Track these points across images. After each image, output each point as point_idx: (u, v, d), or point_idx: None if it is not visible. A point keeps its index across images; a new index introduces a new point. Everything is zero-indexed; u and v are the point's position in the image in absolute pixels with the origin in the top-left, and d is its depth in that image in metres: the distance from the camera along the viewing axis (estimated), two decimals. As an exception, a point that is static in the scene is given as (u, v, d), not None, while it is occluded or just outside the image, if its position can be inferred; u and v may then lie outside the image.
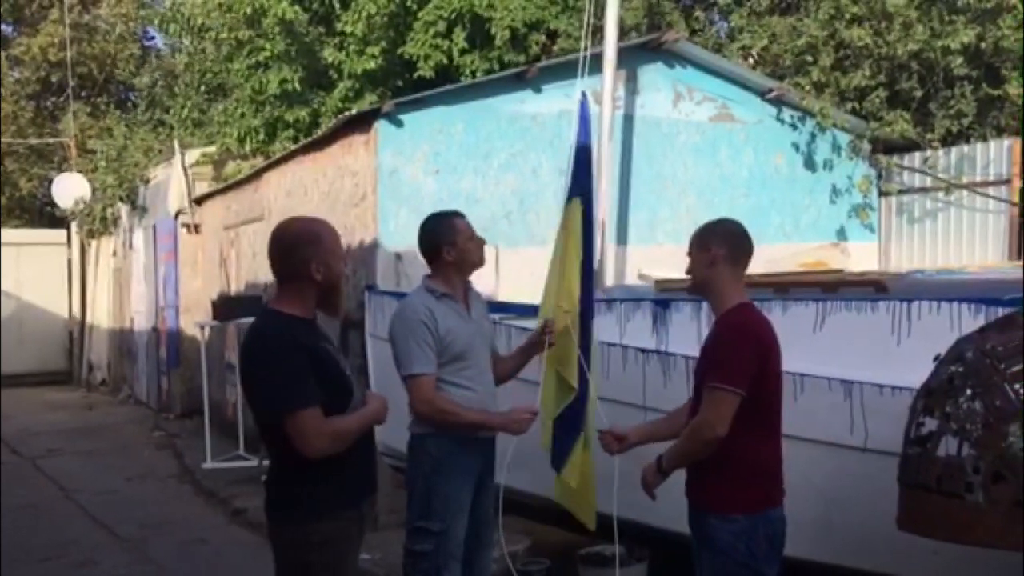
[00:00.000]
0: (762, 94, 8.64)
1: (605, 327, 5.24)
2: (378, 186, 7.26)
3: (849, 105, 8.58)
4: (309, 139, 8.91)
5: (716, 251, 3.15)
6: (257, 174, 10.43)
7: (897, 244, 8.98)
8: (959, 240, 8.28)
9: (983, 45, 7.61)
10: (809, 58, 8.38)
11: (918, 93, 8.23)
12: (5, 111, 21.68)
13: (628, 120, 8.17)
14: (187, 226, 13.50)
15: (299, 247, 2.77)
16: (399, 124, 7.32)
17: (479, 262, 3.94)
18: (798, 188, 8.91)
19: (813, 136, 8.84)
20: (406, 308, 3.78)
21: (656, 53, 8.31)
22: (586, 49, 6.63)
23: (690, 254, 3.24)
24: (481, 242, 3.94)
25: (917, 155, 8.65)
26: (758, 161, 8.72)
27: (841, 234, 9.07)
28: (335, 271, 2.86)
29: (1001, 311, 3.69)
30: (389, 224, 7.27)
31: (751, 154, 8.68)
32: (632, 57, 8.13)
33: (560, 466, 4.14)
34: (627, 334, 5.21)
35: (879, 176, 9.01)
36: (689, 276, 3.28)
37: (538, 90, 7.82)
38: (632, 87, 8.21)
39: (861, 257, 8.98)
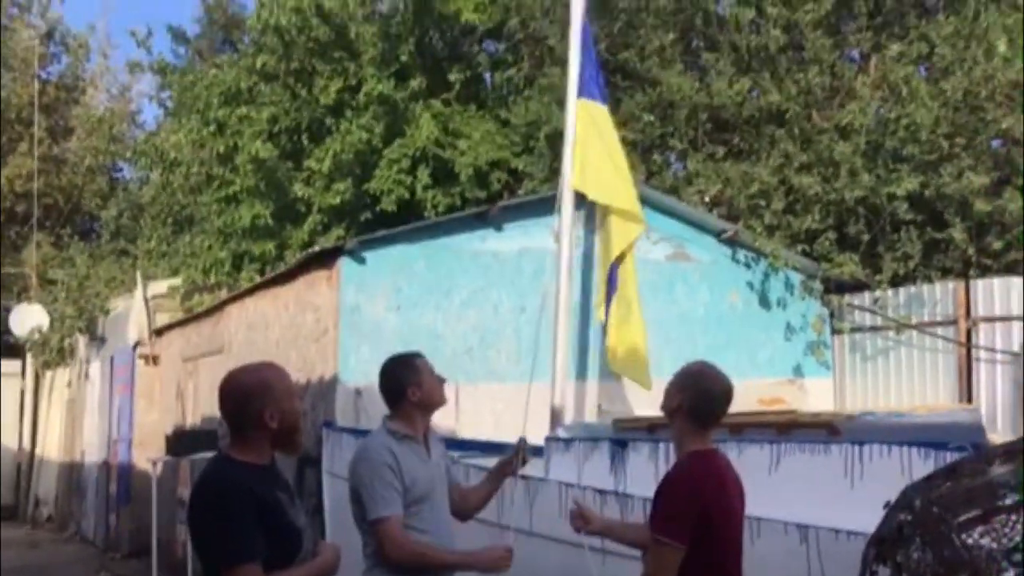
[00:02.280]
0: (717, 235, 8.91)
1: (563, 466, 5.23)
2: (339, 322, 7.30)
3: (800, 247, 8.86)
4: (272, 274, 8.99)
5: (679, 401, 3.19)
6: (219, 307, 10.44)
7: (852, 381, 9.12)
8: (911, 378, 8.44)
9: (926, 192, 7.96)
10: (762, 202, 8.70)
11: (866, 236, 8.53)
12: (-35, 241, 21.61)
13: (587, 259, 8.36)
14: (145, 357, 13.38)
15: (251, 399, 2.77)
16: (362, 261, 7.43)
17: (442, 401, 3.95)
18: (754, 326, 9.08)
19: (767, 275, 9.08)
20: (369, 450, 3.74)
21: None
22: (550, 188, 6.90)
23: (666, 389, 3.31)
24: (442, 381, 3.96)
25: (867, 295, 8.89)
26: (714, 299, 8.91)
27: (798, 371, 9.20)
28: (290, 414, 2.85)
29: (949, 456, 3.76)
30: (350, 360, 7.28)
31: (707, 292, 8.88)
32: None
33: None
34: (585, 474, 5.19)
35: (832, 315, 9.22)
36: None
37: (499, 229, 8.01)
38: (591, 226, 8.43)
39: (818, 394, 9.10)
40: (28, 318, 18.34)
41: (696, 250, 8.88)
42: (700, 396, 3.24)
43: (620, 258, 7.48)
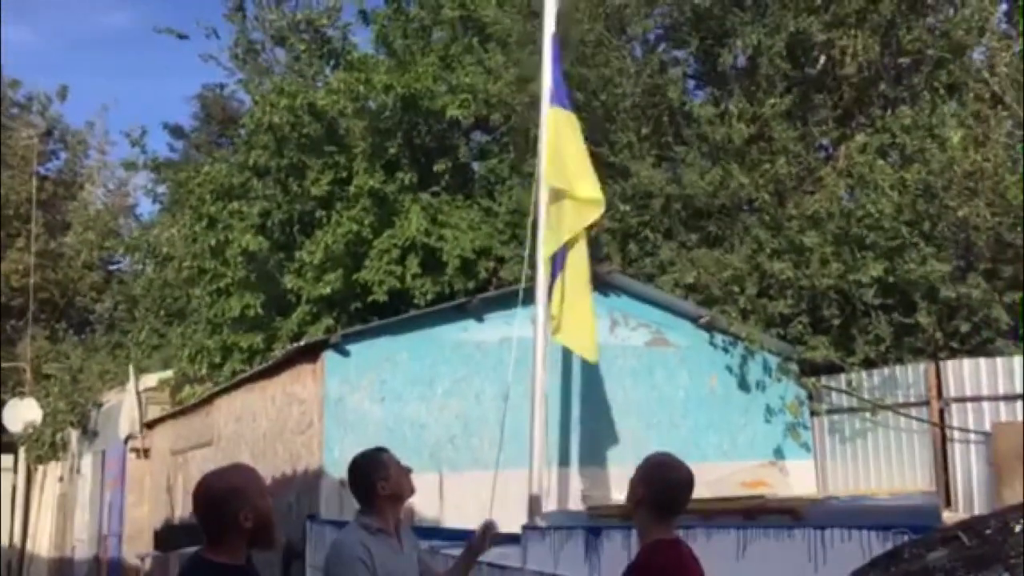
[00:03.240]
0: (694, 320, 9.14)
1: (539, 555, 5.34)
2: (324, 414, 7.46)
3: (775, 330, 9.08)
4: (259, 367, 9.17)
5: (641, 492, 3.30)
6: (208, 399, 10.58)
7: (832, 462, 9.24)
8: (889, 459, 8.57)
9: (891, 278, 8.22)
10: (735, 288, 8.95)
11: (838, 320, 8.76)
12: (-41, 336, 21.79)
13: (567, 347, 8.54)
14: (136, 451, 13.44)
15: (225, 503, 2.90)
16: (346, 354, 7.63)
17: (410, 491, 4.10)
18: (733, 408, 9.25)
19: (744, 359, 9.28)
20: (343, 547, 3.86)
21: (593, 284, 8.82)
22: (530, 280, 7.12)
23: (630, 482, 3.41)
24: (409, 471, 4.11)
25: (843, 376, 9.08)
26: (693, 383, 9.09)
27: (778, 452, 9.33)
28: (264, 512, 2.99)
29: (906, 538, 3.90)
30: (334, 451, 7.41)
31: (686, 376, 9.07)
32: (570, 288, 8.62)
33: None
34: (560, 563, 5.30)
35: (810, 397, 9.39)
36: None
37: (480, 319, 8.23)
38: (570, 315, 8.65)
39: (799, 475, 9.20)
40: (22, 413, 18.39)
41: (674, 335, 9.09)
42: (663, 487, 3.31)
43: (571, 242, 7.36)
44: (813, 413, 9.46)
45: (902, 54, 10.11)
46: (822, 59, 10.33)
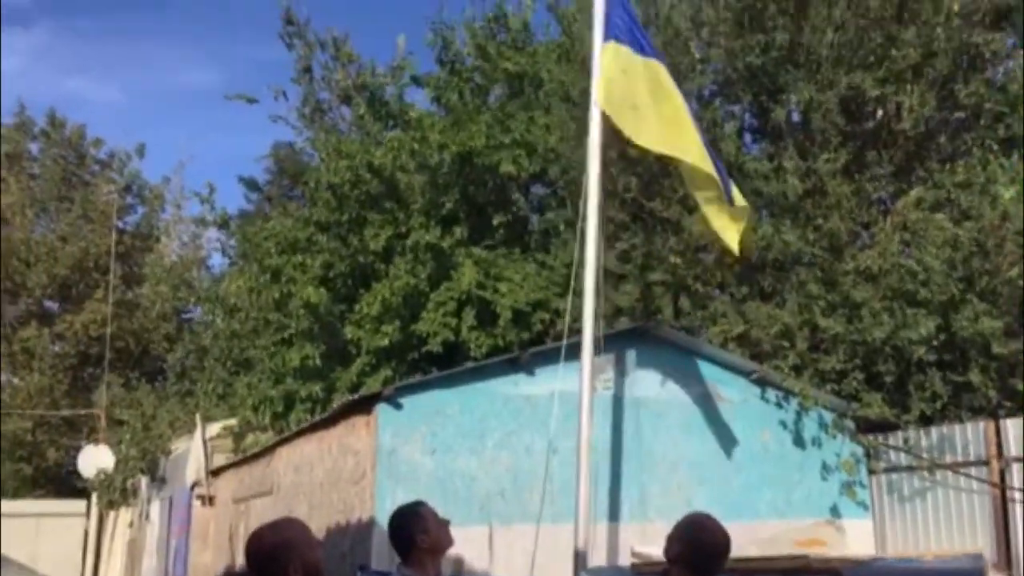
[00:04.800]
0: (746, 374, 9.11)
1: (581, 610, 5.39)
2: (376, 465, 7.62)
3: (828, 386, 8.99)
4: (317, 418, 9.40)
5: (677, 551, 3.36)
6: (269, 448, 10.84)
7: (891, 522, 9.05)
8: (948, 520, 8.37)
9: (942, 336, 8.12)
10: (785, 343, 8.92)
11: (891, 377, 8.65)
12: (41, 383, 22.66)
13: (617, 400, 8.61)
14: (202, 498, 13.77)
15: (276, 556, 3.05)
16: (398, 407, 7.80)
17: (449, 543, 4.22)
18: (788, 464, 9.15)
19: (799, 414, 9.20)
20: (385, 599, 4.01)
21: (643, 337, 8.90)
22: (578, 332, 7.21)
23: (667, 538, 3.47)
24: (447, 523, 4.24)
25: (900, 434, 8.93)
26: (746, 438, 9.03)
27: (835, 511, 9.17)
28: (313, 564, 3.12)
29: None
30: (386, 502, 7.54)
31: (739, 431, 9.01)
32: (621, 340, 8.73)
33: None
34: (602, 618, 5.34)
35: (867, 454, 9.25)
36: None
37: (531, 373, 8.34)
38: (621, 369, 8.73)
39: (857, 534, 9.02)
40: (95, 459, 19.00)
41: (726, 390, 9.07)
42: (698, 548, 3.37)
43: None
44: (871, 471, 9.30)
45: (959, 108, 10.07)
46: (878, 113, 10.33)
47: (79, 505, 20.47)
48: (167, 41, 50.62)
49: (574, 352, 8.35)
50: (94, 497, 19.89)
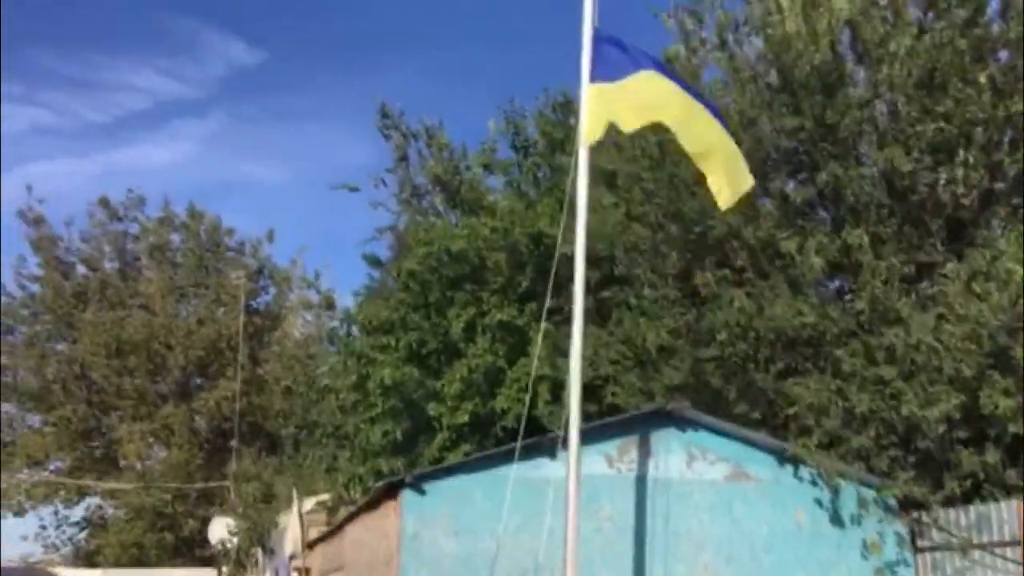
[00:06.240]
0: (777, 453, 9.15)
1: None
2: (401, 548, 8.16)
3: (857, 464, 8.93)
4: (363, 500, 10.04)
5: None
6: (340, 526, 11.57)
7: (937, 602, 8.83)
8: (988, 601, 8.14)
9: (958, 416, 8.00)
10: (810, 421, 8.94)
11: (915, 456, 8.54)
12: (179, 457, 24.50)
13: (641, 481, 8.84)
14: (299, 570, 14.64)
15: None
16: (422, 492, 8.34)
17: None
18: (824, 543, 9.07)
19: (837, 491, 9.13)
20: None
21: (668, 418, 9.12)
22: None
23: None
24: None
25: (940, 512, 8.76)
26: (777, 517, 9.04)
27: (877, 590, 9.02)
28: None
29: None
30: (410, 583, 8.07)
31: (768, 510, 9.04)
32: (645, 422, 9.00)
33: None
34: None
35: (911, 532, 9.07)
36: None
37: (552, 456, 8.70)
38: (646, 450, 8.97)
39: (902, 614, 8.85)
40: (221, 530, 20.35)
41: (755, 468, 9.14)
42: None
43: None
44: (918, 550, 9.10)
45: (1004, 179, 9.94)
46: (919, 187, 10.25)
47: (210, 573, 21.89)
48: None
49: (594, 435, 8.75)
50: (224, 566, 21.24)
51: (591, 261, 14.30)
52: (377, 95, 21.31)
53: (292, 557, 14.60)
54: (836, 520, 9.19)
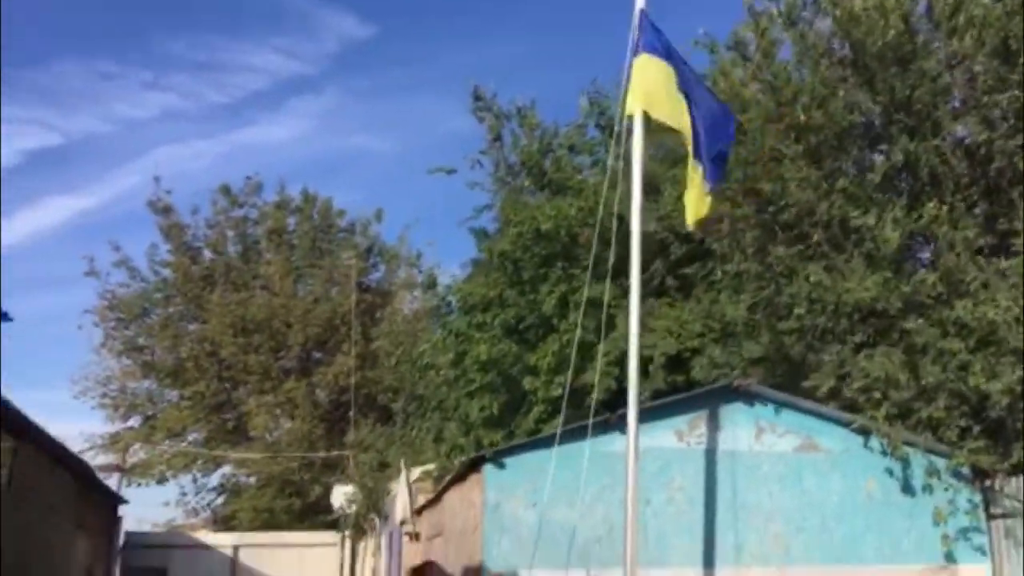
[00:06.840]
0: (846, 425, 9.42)
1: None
2: (484, 517, 8.87)
3: (925, 434, 9.11)
4: (453, 472, 10.80)
5: None
6: (439, 495, 12.40)
7: (1010, 567, 8.99)
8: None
9: (1019, 388, 8.10)
10: (876, 394, 9.16)
11: (982, 425, 8.67)
12: (303, 429, 26.08)
13: (711, 454, 9.29)
14: (409, 534, 15.63)
15: None
16: (502, 466, 9.02)
17: None
18: (895, 511, 9.33)
19: (907, 461, 9.35)
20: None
21: (736, 393, 9.51)
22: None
23: None
24: None
25: (1013, 480, 8.88)
26: (847, 487, 9.35)
27: (950, 557, 9.23)
28: None
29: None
30: (492, 551, 8.77)
31: (839, 481, 9.35)
32: (714, 397, 9.43)
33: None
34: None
35: (985, 500, 9.22)
36: None
37: (623, 431, 9.22)
38: (714, 424, 9.40)
39: (975, 580, 9.06)
40: (341, 497, 21.73)
41: (825, 440, 9.44)
42: None
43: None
44: (991, 517, 9.25)
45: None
46: (997, 157, 10.20)
47: (334, 536, 23.36)
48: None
49: (663, 411, 9.26)
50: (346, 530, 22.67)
51: (677, 236, 14.75)
52: (478, 68, 21.96)
53: (403, 522, 15.59)
54: (907, 489, 9.43)
